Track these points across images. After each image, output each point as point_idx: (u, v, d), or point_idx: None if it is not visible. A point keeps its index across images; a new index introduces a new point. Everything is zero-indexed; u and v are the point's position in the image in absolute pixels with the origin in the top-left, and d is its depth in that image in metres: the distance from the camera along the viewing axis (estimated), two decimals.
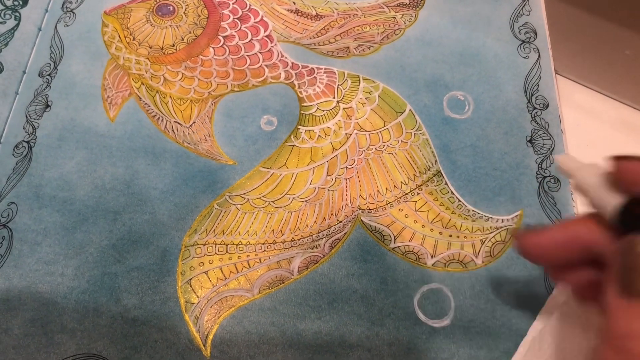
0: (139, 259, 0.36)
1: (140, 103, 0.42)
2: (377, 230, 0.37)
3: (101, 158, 0.39)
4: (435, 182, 0.39)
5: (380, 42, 0.44)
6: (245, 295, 0.35)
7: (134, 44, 0.44)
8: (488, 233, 0.37)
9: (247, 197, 0.38)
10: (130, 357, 0.33)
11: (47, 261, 0.36)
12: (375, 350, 0.34)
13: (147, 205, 0.38)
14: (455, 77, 0.43)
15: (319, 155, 0.40)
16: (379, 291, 0.35)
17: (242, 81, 0.42)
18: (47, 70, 0.43)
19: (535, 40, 0.44)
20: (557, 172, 0.39)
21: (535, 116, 0.41)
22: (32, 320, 0.34)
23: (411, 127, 0.41)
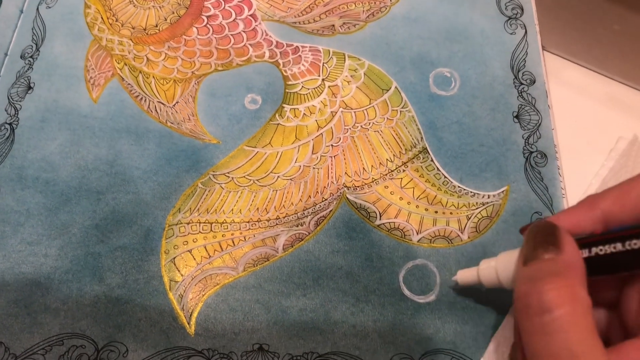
0: (122, 238, 0.36)
1: (123, 84, 0.41)
2: (362, 207, 0.37)
3: (84, 139, 0.39)
4: (421, 159, 0.39)
5: (365, 20, 0.44)
6: (230, 273, 0.35)
7: (116, 25, 0.43)
8: (474, 209, 0.37)
9: (232, 176, 0.38)
10: (114, 336, 0.33)
11: (30, 242, 0.36)
12: (360, 326, 0.33)
13: (130, 185, 0.37)
14: (441, 54, 0.43)
15: (304, 133, 0.39)
16: (364, 268, 0.35)
17: (225, 60, 0.42)
18: (29, 52, 0.43)
19: (522, 17, 0.44)
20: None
21: (521, 92, 0.41)
22: (16, 301, 0.34)
23: (397, 104, 0.40)
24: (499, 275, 0.29)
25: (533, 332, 0.23)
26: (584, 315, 0.22)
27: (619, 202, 0.26)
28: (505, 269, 0.29)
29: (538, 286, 0.23)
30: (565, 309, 0.22)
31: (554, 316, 0.22)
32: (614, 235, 0.24)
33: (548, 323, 0.22)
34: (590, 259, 0.25)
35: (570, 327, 0.22)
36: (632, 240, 0.23)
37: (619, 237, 0.24)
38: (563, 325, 0.22)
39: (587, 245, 0.25)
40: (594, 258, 0.25)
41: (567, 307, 0.22)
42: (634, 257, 0.24)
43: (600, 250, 0.24)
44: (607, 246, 0.24)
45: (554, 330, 0.22)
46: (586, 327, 0.22)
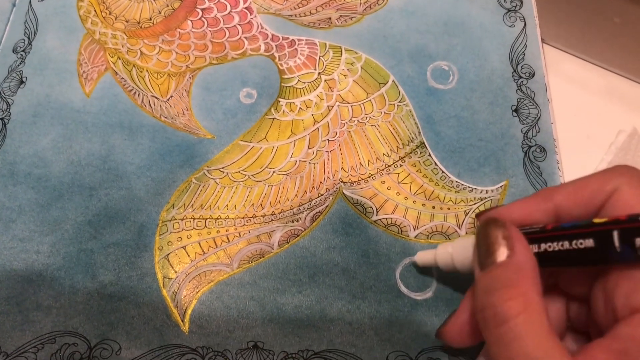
0: (115, 234, 0.35)
1: (116, 78, 0.41)
2: (359, 203, 0.36)
3: (77, 134, 0.39)
4: (419, 154, 0.38)
5: (362, 13, 0.43)
6: (224, 270, 0.35)
7: (110, 18, 0.43)
8: (472, 204, 0.36)
9: (226, 171, 0.37)
10: (107, 334, 0.33)
11: (22, 238, 0.35)
12: (356, 324, 0.33)
13: (123, 181, 0.37)
14: (439, 47, 0.42)
15: (300, 128, 0.39)
16: (360, 264, 0.35)
17: (220, 54, 0.41)
18: (22, 46, 0.42)
19: (521, 9, 0.43)
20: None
21: (521, 85, 0.40)
22: (7, 298, 0.34)
23: (394, 98, 0.40)
24: (454, 261, 0.30)
25: (493, 342, 0.24)
26: (539, 320, 0.23)
27: (572, 197, 0.26)
28: (460, 255, 0.29)
29: (492, 299, 0.24)
30: (520, 317, 0.23)
31: (509, 326, 0.23)
32: (562, 233, 0.25)
33: (505, 333, 0.23)
34: (540, 253, 0.25)
35: (527, 334, 0.22)
36: (578, 239, 0.24)
37: (567, 236, 0.24)
38: (519, 333, 0.22)
39: (536, 241, 0.25)
40: (543, 253, 0.25)
41: (521, 316, 0.23)
42: (580, 255, 0.24)
43: (549, 247, 0.25)
44: (555, 243, 0.25)
45: (511, 339, 0.22)
46: (542, 332, 0.22)
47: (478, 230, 0.26)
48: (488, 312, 0.24)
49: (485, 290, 0.24)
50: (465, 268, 0.30)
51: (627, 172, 0.25)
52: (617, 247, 0.23)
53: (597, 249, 0.23)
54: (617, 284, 0.24)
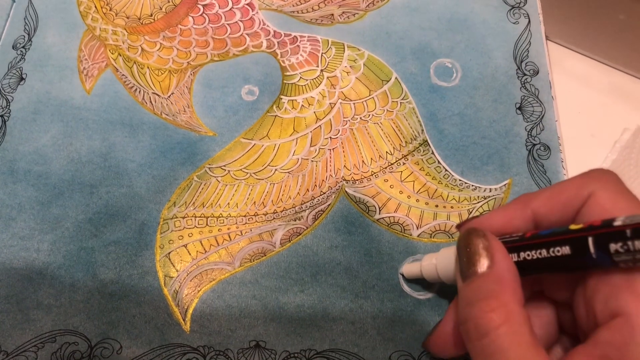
0: (116, 233, 0.35)
1: (117, 74, 0.40)
2: (361, 201, 0.36)
3: (77, 131, 0.38)
4: (422, 152, 0.38)
5: (365, 9, 0.43)
6: (226, 269, 0.34)
7: (110, 15, 0.43)
8: (475, 203, 0.36)
9: (228, 169, 0.37)
10: (107, 333, 0.32)
11: (22, 236, 0.35)
12: (359, 323, 0.33)
13: (124, 179, 0.37)
14: (442, 44, 0.42)
15: (302, 125, 0.39)
16: (363, 263, 0.34)
17: (222, 50, 0.41)
18: (22, 42, 0.42)
19: (525, 6, 0.43)
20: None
21: (525, 83, 0.40)
22: (7, 297, 0.33)
23: (397, 95, 0.40)
24: (439, 272, 0.30)
25: (476, 354, 0.24)
26: (520, 331, 0.23)
27: (549, 203, 0.26)
28: (444, 266, 0.29)
29: (474, 311, 0.24)
30: (501, 329, 0.23)
31: (491, 338, 0.23)
32: (540, 241, 0.25)
33: (487, 345, 0.23)
34: (519, 262, 0.25)
35: (509, 345, 0.22)
36: (555, 247, 0.24)
37: (544, 244, 0.24)
38: (502, 345, 0.22)
39: (515, 250, 0.25)
40: (522, 262, 0.25)
41: (502, 327, 0.23)
42: (558, 262, 0.24)
43: (528, 256, 0.25)
44: (534, 252, 0.25)
45: (493, 351, 0.23)
46: (524, 342, 0.22)
47: (459, 241, 0.26)
48: (470, 324, 0.24)
49: (467, 302, 0.24)
50: (449, 279, 0.29)
51: (602, 176, 0.25)
52: (593, 253, 0.23)
53: (574, 255, 0.23)
54: (596, 289, 0.24)
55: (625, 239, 0.21)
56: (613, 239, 0.22)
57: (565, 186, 0.26)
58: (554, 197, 0.26)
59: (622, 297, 0.22)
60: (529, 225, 0.27)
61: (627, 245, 0.21)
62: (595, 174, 0.26)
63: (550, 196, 0.26)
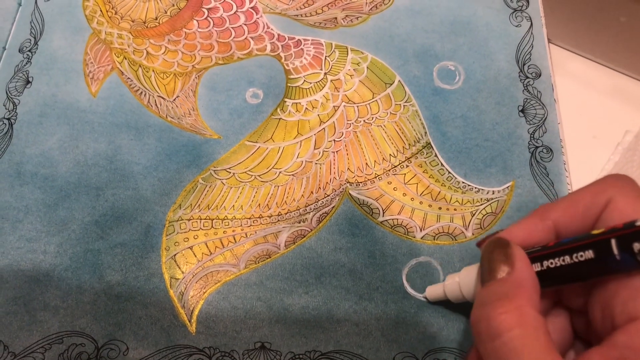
0: (122, 235, 0.35)
1: (122, 78, 0.41)
2: (365, 203, 0.36)
3: (83, 134, 0.39)
4: (425, 154, 0.38)
5: (368, 12, 0.43)
6: (231, 270, 0.35)
7: (116, 18, 0.43)
8: (478, 205, 0.36)
9: (233, 172, 0.37)
10: (114, 334, 0.33)
11: (29, 238, 0.35)
12: (363, 325, 0.33)
13: (130, 181, 0.37)
14: (445, 47, 0.42)
15: (306, 128, 0.39)
16: (367, 265, 0.35)
17: (226, 54, 0.41)
18: (28, 45, 0.42)
19: (528, 8, 0.43)
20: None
21: (527, 85, 0.40)
22: (15, 298, 0.34)
23: (400, 98, 0.40)
24: (462, 290, 0.30)
25: (488, 356, 0.23)
26: (535, 334, 0.22)
27: (568, 213, 0.26)
28: (467, 284, 0.29)
29: (486, 311, 0.23)
30: (514, 331, 0.22)
31: (503, 340, 0.22)
32: (563, 248, 0.25)
33: (499, 347, 0.22)
34: (543, 272, 0.25)
35: (522, 348, 0.22)
36: (579, 252, 0.24)
37: (567, 250, 0.24)
38: (515, 347, 0.22)
39: (538, 259, 0.25)
40: (546, 271, 0.25)
41: (515, 330, 0.22)
42: (582, 268, 0.24)
43: (551, 264, 0.25)
44: (557, 259, 0.25)
45: (506, 353, 0.22)
46: (538, 346, 0.22)
47: (483, 251, 0.26)
48: (482, 324, 0.24)
49: (481, 303, 0.24)
50: (472, 297, 0.29)
51: (618, 182, 0.25)
52: (617, 254, 0.23)
53: (598, 259, 0.23)
54: (615, 292, 0.24)
55: None
56: (637, 238, 0.22)
57: (582, 194, 0.26)
58: (572, 206, 0.26)
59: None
60: (550, 236, 0.27)
61: None
62: (611, 180, 0.26)
63: (569, 205, 0.26)
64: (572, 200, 0.26)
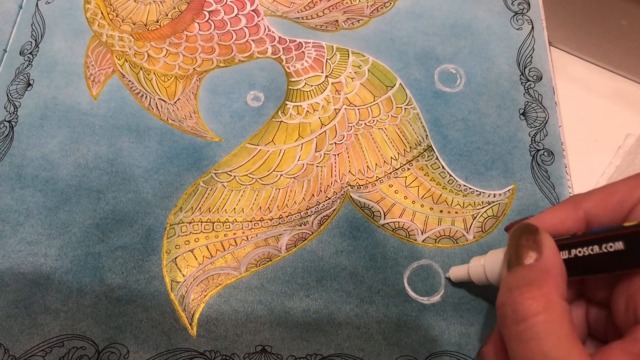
0: (123, 238, 0.35)
1: (123, 80, 0.41)
2: (366, 206, 0.36)
3: (84, 136, 0.39)
4: (426, 157, 0.38)
5: (369, 15, 0.43)
6: (232, 274, 0.34)
7: (117, 21, 0.43)
8: (480, 208, 0.36)
9: (234, 174, 0.37)
10: (114, 338, 0.33)
11: (29, 242, 0.35)
12: (364, 328, 0.33)
13: (131, 184, 0.37)
14: (446, 50, 0.42)
15: (307, 131, 0.39)
16: (368, 268, 0.35)
17: (228, 56, 0.41)
18: (29, 48, 0.42)
19: (529, 12, 0.43)
20: None
21: (528, 88, 0.40)
22: (15, 302, 0.34)
23: (401, 101, 0.40)
24: (487, 273, 0.30)
25: (511, 339, 0.23)
26: (559, 321, 0.22)
27: (601, 204, 0.26)
28: (493, 267, 0.29)
29: (513, 296, 0.24)
30: (540, 317, 0.23)
31: (528, 324, 0.23)
32: (592, 238, 0.25)
33: (524, 331, 0.23)
34: (569, 260, 0.25)
35: (546, 334, 0.22)
36: (608, 243, 0.24)
37: (597, 240, 0.24)
38: (539, 332, 0.22)
39: (566, 247, 0.25)
40: (573, 259, 0.25)
41: (541, 315, 0.23)
42: (610, 259, 0.24)
43: (579, 252, 0.25)
44: (585, 248, 0.25)
45: (530, 337, 0.22)
46: (562, 333, 0.22)
47: (511, 235, 0.26)
48: (507, 308, 0.24)
49: (507, 288, 0.24)
50: (497, 280, 0.29)
51: None
52: None
53: (627, 251, 0.23)
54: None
55: None
56: None
57: (617, 187, 0.26)
58: (606, 198, 0.26)
59: None
60: (580, 226, 0.27)
61: None
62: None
63: (603, 197, 0.26)
64: (607, 191, 0.26)
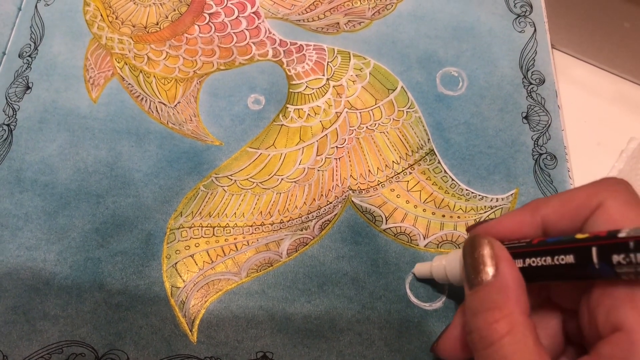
0: (122, 243, 0.35)
1: (123, 83, 0.40)
2: (368, 211, 0.36)
3: (83, 140, 0.38)
4: (428, 161, 0.38)
5: (371, 18, 0.43)
6: (232, 279, 0.34)
7: (116, 23, 0.43)
8: (482, 212, 0.36)
9: (234, 179, 0.37)
10: (114, 344, 0.32)
11: (28, 247, 0.35)
12: (366, 334, 0.33)
13: (130, 188, 0.37)
14: (448, 53, 0.42)
15: (308, 134, 0.39)
16: (369, 273, 0.34)
17: (228, 59, 0.41)
18: (28, 51, 0.42)
19: (531, 14, 0.43)
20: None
21: (531, 92, 0.40)
22: (14, 308, 0.33)
23: (403, 104, 0.40)
24: (448, 275, 0.30)
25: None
26: (524, 340, 0.23)
27: (559, 210, 0.26)
28: (453, 269, 0.30)
29: (479, 322, 0.24)
30: (505, 339, 0.23)
31: (494, 349, 0.23)
32: (544, 249, 0.25)
33: (492, 354, 0.23)
34: (525, 268, 0.25)
35: (513, 355, 0.23)
36: (560, 255, 0.24)
37: (549, 251, 0.24)
38: (505, 354, 0.23)
39: (520, 256, 0.26)
40: (527, 268, 0.25)
41: (506, 337, 0.23)
42: (562, 270, 0.24)
43: (533, 262, 0.25)
44: (539, 259, 0.25)
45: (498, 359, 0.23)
46: (528, 351, 0.23)
47: (465, 246, 0.26)
48: (475, 335, 0.24)
49: (473, 313, 0.25)
50: (457, 281, 0.30)
51: (613, 186, 0.25)
52: (596, 263, 0.22)
53: (577, 265, 0.23)
54: (599, 300, 0.23)
55: (628, 251, 0.21)
56: (616, 250, 0.22)
57: (575, 194, 0.26)
58: (564, 205, 0.26)
59: (623, 311, 0.22)
60: (538, 231, 0.27)
61: (630, 257, 0.21)
62: (607, 183, 0.25)
63: (561, 204, 0.26)
64: (564, 198, 0.26)
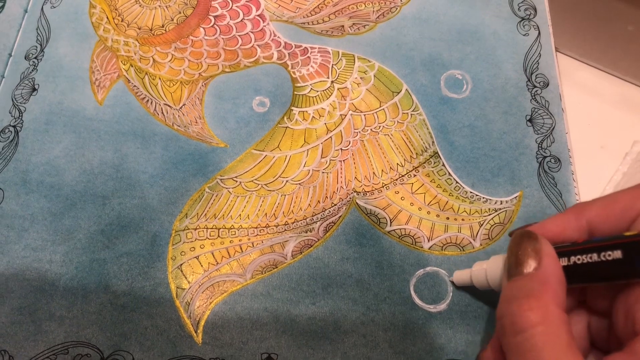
0: (128, 244, 0.35)
1: (129, 85, 0.40)
2: (372, 213, 0.36)
3: (89, 142, 0.38)
4: (433, 164, 0.38)
5: (375, 20, 0.43)
6: (237, 281, 0.34)
7: (122, 25, 0.43)
8: (486, 215, 0.36)
9: (239, 180, 0.37)
10: (119, 344, 0.33)
11: (34, 248, 0.35)
12: (370, 336, 0.33)
13: (136, 190, 0.37)
14: (452, 56, 0.42)
15: (313, 136, 0.39)
16: (374, 275, 0.34)
17: (233, 62, 0.41)
18: (34, 52, 0.42)
19: (535, 17, 0.43)
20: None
21: (535, 95, 0.40)
22: (20, 308, 0.34)
23: (408, 107, 0.40)
24: (489, 278, 0.30)
25: (510, 350, 0.24)
26: (558, 332, 0.23)
27: (604, 213, 0.26)
28: (494, 273, 0.30)
29: (512, 307, 0.24)
30: (538, 328, 0.23)
31: (526, 336, 0.23)
32: (591, 246, 0.25)
33: (522, 342, 0.23)
34: (569, 267, 0.25)
35: (544, 345, 0.22)
36: (607, 251, 0.24)
37: (595, 248, 0.24)
38: (537, 344, 0.22)
39: (565, 254, 0.25)
40: (572, 267, 0.25)
41: (539, 326, 0.23)
42: (608, 268, 0.24)
43: (578, 260, 0.25)
44: (584, 256, 0.25)
45: (528, 349, 0.23)
46: (561, 344, 0.22)
47: (511, 243, 0.26)
48: (506, 320, 0.24)
49: (506, 299, 0.24)
50: (497, 286, 0.29)
51: None
52: None
53: (625, 260, 0.23)
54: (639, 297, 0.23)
55: None
56: None
57: (620, 196, 0.26)
58: (609, 207, 0.26)
59: None
60: (582, 234, 0.27)
61: None
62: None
63: (605, 206, 0.26)
64: (609, 200, 0.26)
